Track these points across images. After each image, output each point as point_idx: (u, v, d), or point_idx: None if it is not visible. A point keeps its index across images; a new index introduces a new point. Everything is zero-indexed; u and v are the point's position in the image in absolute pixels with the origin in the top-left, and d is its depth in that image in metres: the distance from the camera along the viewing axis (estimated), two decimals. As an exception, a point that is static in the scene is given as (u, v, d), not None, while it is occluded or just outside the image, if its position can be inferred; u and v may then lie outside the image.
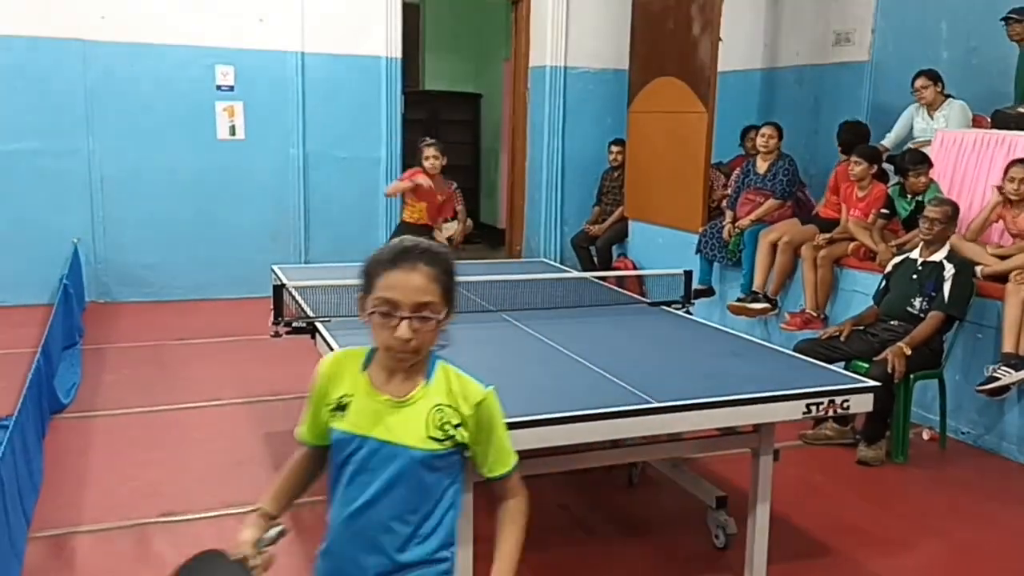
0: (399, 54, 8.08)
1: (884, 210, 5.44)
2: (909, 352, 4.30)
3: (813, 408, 2.79)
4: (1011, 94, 5.77)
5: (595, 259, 8.06)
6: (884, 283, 4.79)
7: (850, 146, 5.92)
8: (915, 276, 4.58)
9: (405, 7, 8.14)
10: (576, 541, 3.55)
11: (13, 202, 7.09)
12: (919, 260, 4.61)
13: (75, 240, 7.18)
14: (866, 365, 4.36)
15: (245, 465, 4.16)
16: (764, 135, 6.39)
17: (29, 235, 7.12)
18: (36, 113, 7.10)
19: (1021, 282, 4.35)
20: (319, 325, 3.56)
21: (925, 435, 4.76)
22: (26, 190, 7.13)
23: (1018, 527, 3.81)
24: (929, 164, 5.32)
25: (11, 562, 2.97)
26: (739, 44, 7.69)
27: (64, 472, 4.00)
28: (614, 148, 8.14)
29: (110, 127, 7.31)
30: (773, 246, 5.95)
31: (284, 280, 3.99)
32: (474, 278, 4.31)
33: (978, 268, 4.65)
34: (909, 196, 5.35)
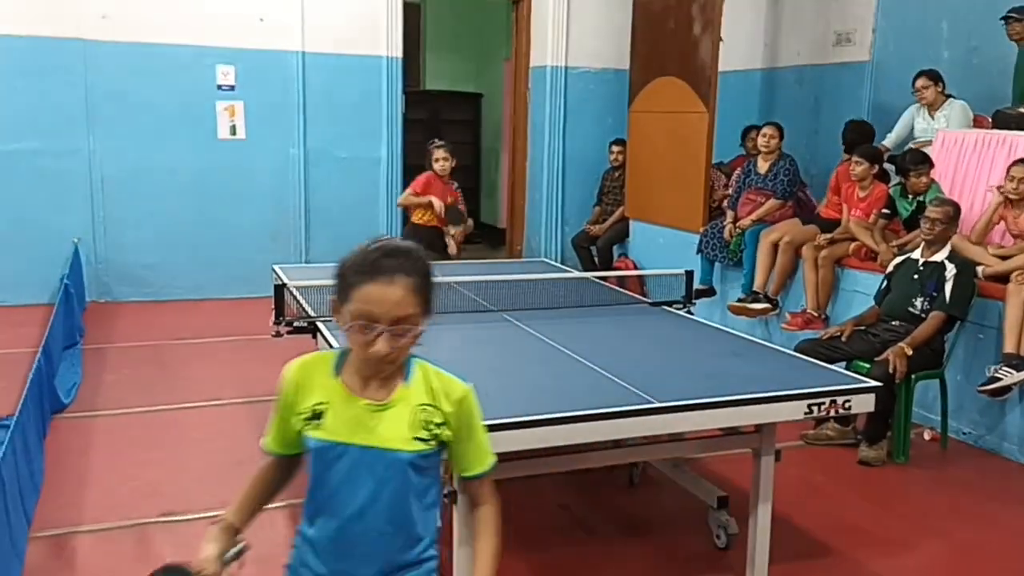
0: (400, 54, 8.08)
1: (885, 210, 5.44)
2: (910, 352, 4.30)
3: (815, 408, 2.78)
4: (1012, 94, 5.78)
5: (596, 259, 8.05)
6: (885, 283, 4.79)
7: (855, 145, 5.91)
8: (916, 276, 4.57)
9: (406, 7, 8.13)
10: (577, 541, 3.55)
11: (14, 202, 7.10)
12: (920, 260, 4.61)
13: (76, 240, 7.18)
14: (867, 365, 4.36)
15: (245, 465, 4.11)
16: (765, 135, 6.38)
17: (30, 235, 7.12)
18: (37, 113, 7.09)
19: (1022, 282, 4.35)
20: (320, 325, 3.56)
21: (926, 435, 4.75)
22: (27, 190, 7.13)
23: (1019, 527, 3.81)
24: (930, 164, 5.31)
25: (12, 562, 2.96)
26: (740, 44, 7.69)
27: (65, 472, 4.00)
28: (615, 148, 8.13)
29: (111, 127, 7.31)
30: (774, 246, 5.95)
31: (285, 280, 3.98)
32: (475, 278, 4.31)
33: (979, 268, 4.65)
34: (910, 196, 5.35)
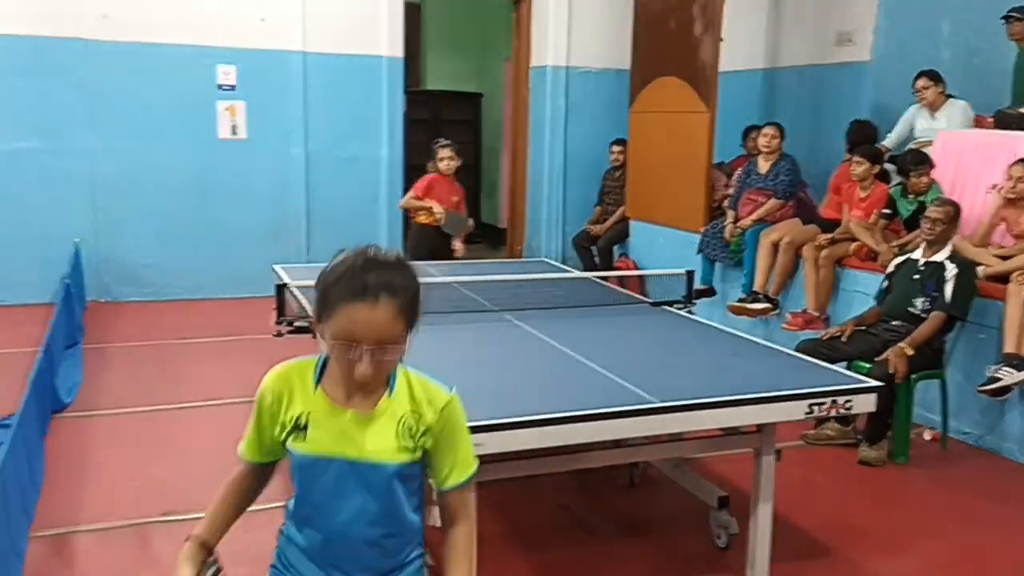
0: (401, 54, 8.08)
1: (886, 210, 5.44)
2: (911, 352, 4.30)
3: (816, 408, 2.78)
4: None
5: (596, 259, 8.06)
6: (886, 283, 4.79)
7: (858, 146, 5.90)
8: (917, 276, 4.58)
9: (406, 7, 8.14)
10: (577, 541, 3.55)
11: (15, 202, 7.10)
12: (921, 260, 4.61)
13: (76, 239, 7.17)
14: (868, 365, 4.36)
15: (246, 464, 4.15)
16: (766, 135, 6.38)
17: (30, 234, 7.12)
18: (38, 113, 7.10)
19: (1022, 283, 4.35)
20: (321, 324, 3.56)
21: (927, 435, 4.75)
22: (28, 190, 7.13)
23: (1019, 528, 3.80)
24: (931, 164, 5.32)
25: (13, 561, 2.97)
26: (741, 44, 7.68)
27: (65, 471, 4.00)
28: (615, 148, 8.13)
29: (111, 127, 7.31)
30: (774, 246, 5.95)
31: (286, 279, 3.98)
32: (476, 278, 4.31)
33: (979, 269, 4.65)
34: (911, 196, 5.35)
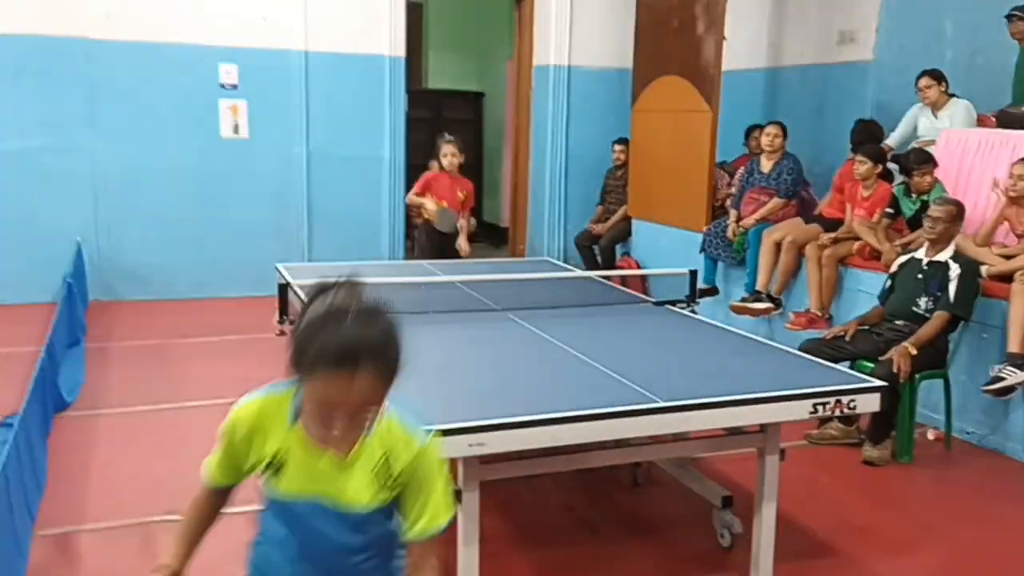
0: (403, 53, 8.08)
1: (889, 209, 5.43)
2: (914, 352, 4.29)
3: (820, 408, 2.78)
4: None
5: (598, 258, 8.05)
6: (889, 283, 4.78)
7: (862, 145, 5.88)
8: (920, 276, 4.57)
9: (408, 6, 8.13)
10: (580, 541, 3.54)
11: (17, 200, 7.09)
12: (924, 260, 4.60)
13: (78, 238, 7.17)
14: (871, 365, 4.35)
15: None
16: (769, 134, 6.38)
17: (32, 233, 7.12)
18: (40, 111, 7.10)
19: (1026, 282, 4.35)
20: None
21: (930, 435, 4.75)
22: (30, 188, 7.13)
23: (1023, 527, 3.80)
24: (934, 164, 5.31)
25: (16, 560, 2.96)
26: (743, 43, 7.68)
27: (68, 470, 4.00)
28: (617, 147, 8.13)
29: (114, 125, 7.31)
30: (777, 245, 5.94)
31: (289, 279, 3.98)
32: (479, 277, 4.31)
33: (983, 268, 4.64)
34: (914, 196, 5.34)
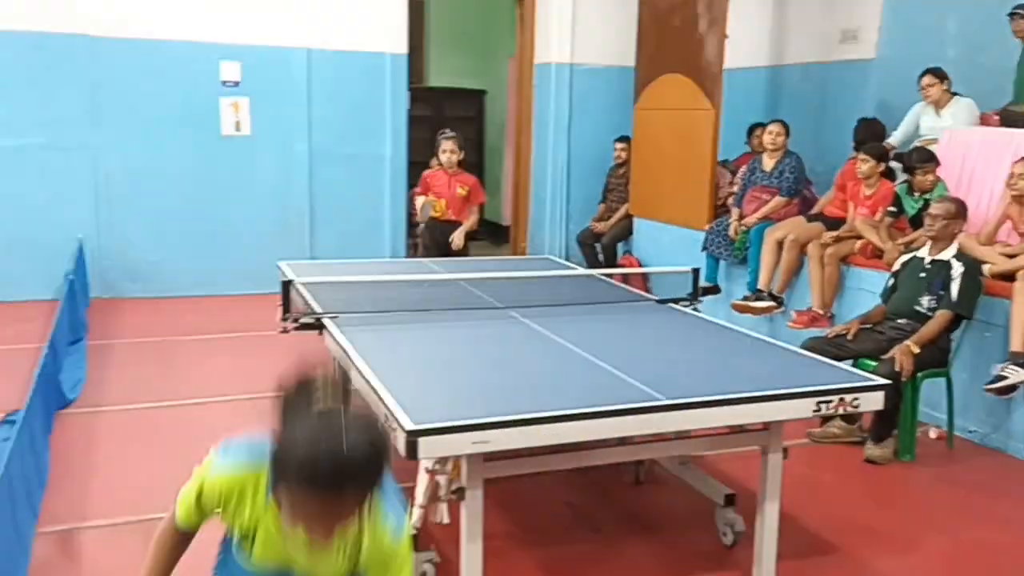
0: (404, 50, 8.08)
1: (891, 208, 5.43)
2: (917, 351, 4.29)
3: (823, 406, 2.77)
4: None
5: (600, 256, 8.05)
6: (891, 281, 4.78)
7: (866, 143, 5.88)
8: (923, 274, 4.56)
9: (410, 3, 8.12)
10: (583, 539, 3.54)
11: (18, 198, 7.09)
12: (927, 258, 4.60)
13: (80, 236, 7.17)
14: (873, 363, 4.35)
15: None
16: (772, 132, 6.37)
17: (34, 231, 7.11)
18: (41, 109, 7.09)
19: (1029, 281, 4.34)
20: (327, 321, 3.56)
21: (932, 434, 4.75)
22: (31, 185, 7.13)
23: (1026, 526, 3.80)
24: (936, 162, 5.30)
25: (19, 557, 2.97)
26: (745, 41, 7.67)
27: (71, 468, 4.00)
28: (619, 145, 8.12)
29: (115, 122, 7.31)
30: (779, 244, 5.94)
31: (291, 276, 3.98)
32: (482, 275, 4.31)
33: (985, 267, 4.64)
34: (916, 194, 5.34)
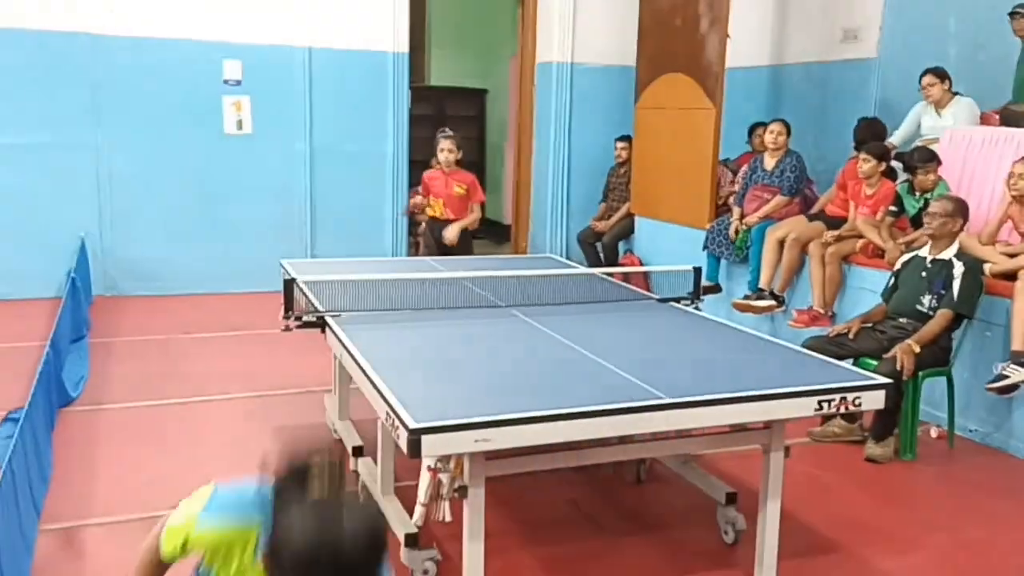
0: (406, 49, 8.08)
1: (892, 207, 5.43)
2: (918, 350, 4.30)
3: (825, 405, 2.77)
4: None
5: (601, 255, 8.06)
6: (893, 280, 4.78)
7: (865, 143, 5.88)
8: (924, 274, 4.57)
9: (411, 2, 8.12)
10: (585, 536, 3.55)
11: (20, 195, 7.10)
12: (928, 258, 4.61)
13: (82, 234, 7.18)
14: (875, 363, 4.35)
15: (253, 458, 4.15)
16: (773, 131, 6.38)
17: (36, 229, 7.12)
18: (44, 107, 7.10)
19: (1030, 280, 4.35)
20: (329, 319, 3.57)
21: (933, 433, 4.75)
22: (33, 183, 7.14)
23: (1027, 525, 3.81)
24: (937, 162, 5.30)
25: (22, 554, 2.98)
26: (747, 40, 7.66)
27: (73, 465, 4.01)
28: (619, 144, 8.13)
29: (117, 121, 7.32)
30: (780, 243, 5.94)
31: (294, 274, 3.99)
32: (483, 273, 4.32)
33: (987, 266, 4.65)
34: (917, 194, 5.34)
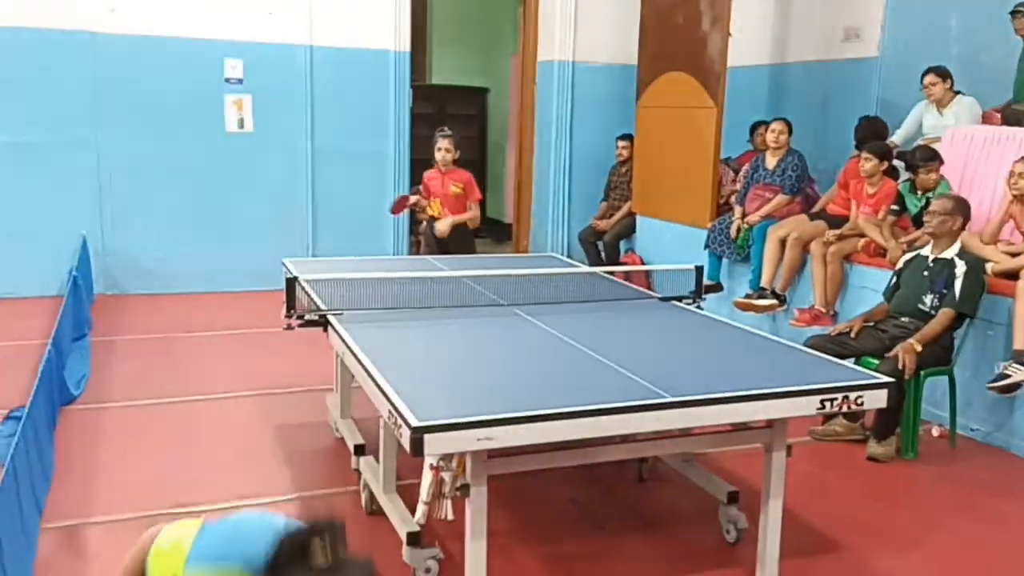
0: (408, 48, 8.08)
1: (894, 207, 5.43)
2: (920, 349, 4.30)
3: (828, 404, 2.77)
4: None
5: (602, 254, 8.05)
6: (894, 280, 4.78)
7: (866, 142, 5.87)
8: (926, 273, 4.57)
9: (413, 0, 8.12)
10: (586, 535, 3.55)
11: (22, 194, 7.10)
12: (930, 257, 4.60)
13: (83, 232, 7.18)
14: (876, 362, 4.35)
15: (255, 457, 4.18)
16: (774, 130, 6.37)
17: (38, 227, 7.13)
18: (45, 105, 7.10)
19: (1032, 279, 4.35)
20: (331, 318, 3.57)
21: (935, 432, 4.75)
22: (35, 182, 7.14)
23: (1028, 524, 3.81)
24: (940, 161, 5.30)
25: (25, 552, 2.98)
26: (748, 39, 7.67)
27: (75, 463, 4.01)
28: (620, 143, 8.13)
29: (119, 120, 7.32)
30: (782, 242, 5.94)
31: (296, 273, 3.99)
32: (485, 272, 4.32)
33: (988, 265, 4.65)
34: (919, 193, 5.34)
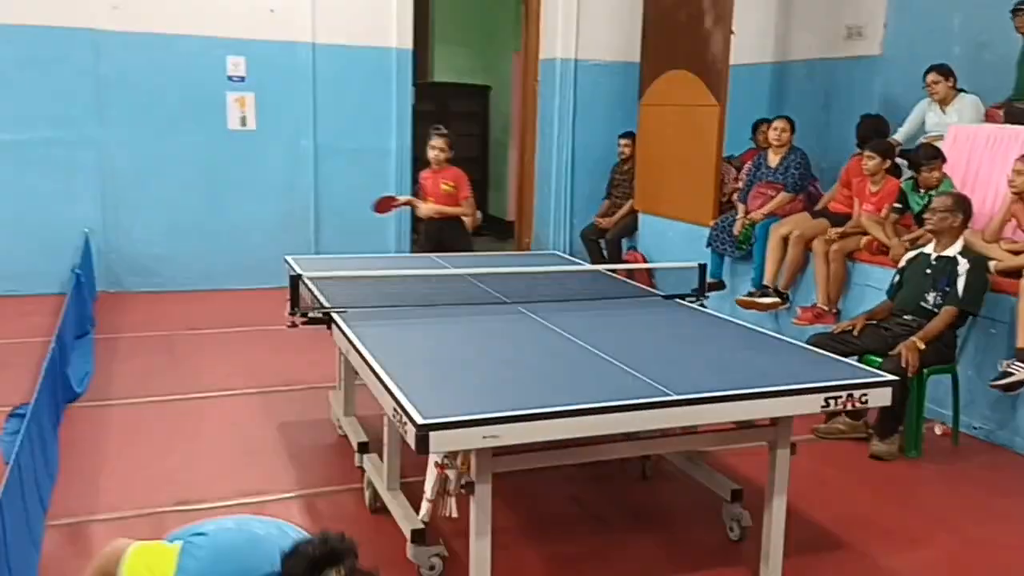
0: (410, 45, 8.08)
1: (897, 204, 5.43)
2: (923, 347, 4.30)
3: (831, 402, 2.78)
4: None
5: (604, 252, 8.06)
6: (897, 278, 4.78)
7: (868, 140, 5.87)
8: (929, 271, 4.57)
9: (415, -2, 8.13)
10: (589, 533, 3.55)
11: (25, 192, 7.11)
12: (933, 255, 4.60)
13: (86, 230, 7.19)
14: (879, 360, 4.35)
15: (258, 454, 4.18)
16: (777, 128, 6.37)
17: (41, 225, 7.13)
18: (47, 103, 7.11)
19: (1035, 277, 4.35)
20: (335, 315, 3.57)
21: (938, 430, 4.75)
22: (37, 180, 7.14)
23: (1031, 522, 3.81)
24: (942, 159, 5.30)
25: (29, 550, 2.98)
26: (751, 37, 7.66)
27: (79, 461, 4.02)
28: (622, 141, 8.13)
29: (121, 117, 7.32)
30: (784, 240, 5.94)
31: (299, 271, 3.99)
32: (489, 270, 4.32)
33: (991, 263, 4.65)
34: (922, 191, 5.34)
